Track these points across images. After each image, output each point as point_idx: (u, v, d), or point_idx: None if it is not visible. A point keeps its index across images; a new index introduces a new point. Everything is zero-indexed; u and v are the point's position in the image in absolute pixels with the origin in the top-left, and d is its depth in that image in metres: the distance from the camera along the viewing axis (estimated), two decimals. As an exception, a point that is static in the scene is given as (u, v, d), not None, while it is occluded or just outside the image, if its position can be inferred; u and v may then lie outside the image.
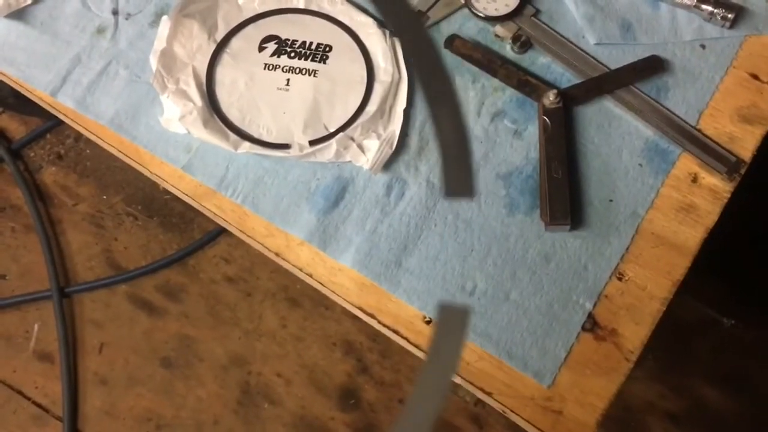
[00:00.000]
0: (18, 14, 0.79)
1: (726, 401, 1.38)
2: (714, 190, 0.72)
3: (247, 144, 0.74)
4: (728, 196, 0.72)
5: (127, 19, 0.80)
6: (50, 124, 1.59)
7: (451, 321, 0.31)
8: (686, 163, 0.73)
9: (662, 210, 0.72)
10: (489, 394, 0.68)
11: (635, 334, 0.69)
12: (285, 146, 0.74)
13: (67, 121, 0.78)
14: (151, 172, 0.76)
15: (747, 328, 1.38)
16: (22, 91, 0.79)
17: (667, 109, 0.74)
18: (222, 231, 1.54)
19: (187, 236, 1.54)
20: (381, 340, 1.48)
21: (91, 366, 1.46)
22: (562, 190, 0.71)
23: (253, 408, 1.44)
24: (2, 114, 1.61)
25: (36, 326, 1.48)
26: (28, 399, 1.44)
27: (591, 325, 0.69)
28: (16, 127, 1.60)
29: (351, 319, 1.48)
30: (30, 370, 1.45)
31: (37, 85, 0.78)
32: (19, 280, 1.51)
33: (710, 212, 0.72)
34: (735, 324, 1.34)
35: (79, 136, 1.60)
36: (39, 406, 1.43)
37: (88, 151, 1.60)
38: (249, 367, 1.46)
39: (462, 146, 0.32)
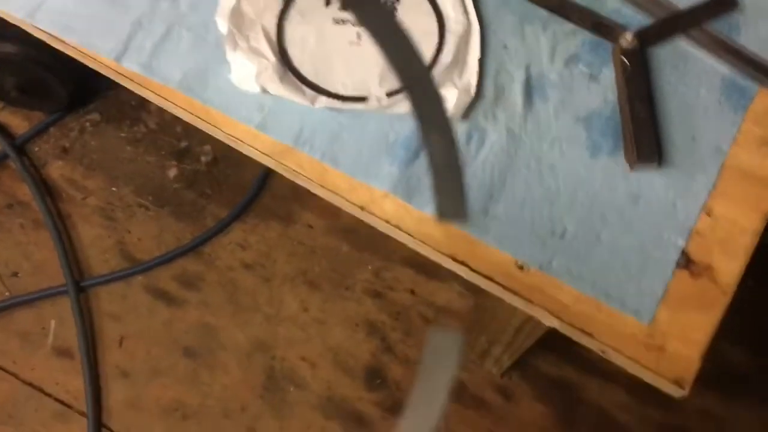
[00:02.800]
0: (73, -20, 0.77)
1: None
2: (794, 122, 0.73)
3: (324, 98, 0.73)
4: (808, 127, 0.73)
5: (186, -20, 0.78)
6: (53, 117, 1.56)
7: (442, 347, 0.31)
8: (765, 99, 0.74)
9: (745, 145, 0.73)
10: (590, 334, 0.68)
11: (730, 268, 0.70)
12: (362, 99, 0.73)
13: (132, 87, 0.76)
14: (225, 133, 0.74)
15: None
16: (85, 61, 0.77)
17: (742, 46, 0.74)
18: (236, 217, 1.52)
19: (201, 224, 1.52)
20: (403, 318, 1.47)
21: (112, 359, 1.43)
22: (648, 130, 0.71)
23: (280, 392, 1.42)
24: (4, 110, 1.57)
25: (53, 322, 1.45)
26: (49, 396, 1.40)
27: (685, 261, 0.70)
28: (19, 123, 1.56)
29: (372, 299, 1.48)
30: (49, 367, 1.42)
31: (100, 52, 0.76)
32: (32, 277, 1.48)
33: (792, 144, 0.73)
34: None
35: (83, 128, 1.57)
36: (61, 402, 1.40)
37: (93, 143, 1.57)
38: (273, 352, 1.45)
39: (453, 170, 0.32)
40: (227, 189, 1.54)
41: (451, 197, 0.33)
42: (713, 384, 1.40)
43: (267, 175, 1.52)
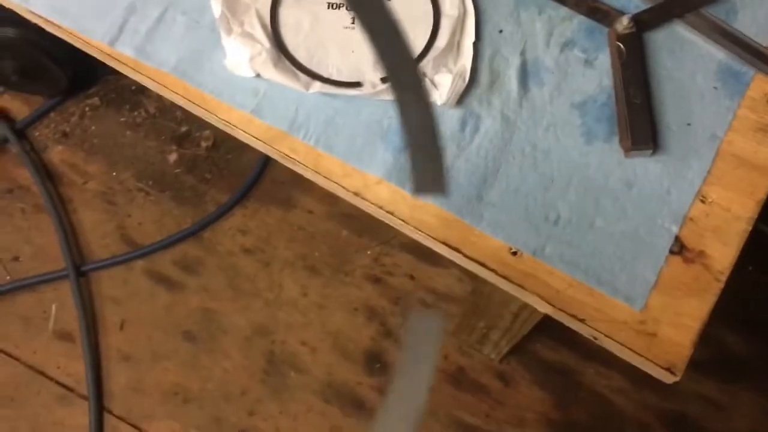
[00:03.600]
0: (67, -37, 0.77)
1: None
2: (790, 109, 0.73)
3: (318, 84, 0.73)
4: (804, 114, 0.73)
5: (180, -36, 0.78)
6: (54, 102, 1.56)
7: (423, 329, 0.30)
8: (761, 84, 0.74)
9: (740, 131, 0.73)
10: (582, 320, 0.68)
11: (724, 254, 0.69)
12: (356, 84, 0.73)
13: (126, 72, 0.76)
14: (219, 118, 0.74)
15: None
16: (79, 45, 0.76)
17: (738, 31, 0.74)
18: (237, 202, 1.52)
19: (201, 209, 1.52)
20: (403, 304, 1.47)
21: (113, 343, 1.44)
22: (643, 115, 0.71)
23: (280, 377, 1.43)
24: (4, 94, 1.57)
25: (54, 306, 1.45)
26: (51, 379, 1.41)
27: (678, 248, 0.70)
28: (19, 107, 1.57)
29: (372, 284, 1.48)
30: (51, 351, 1.43)
31: (93, 36, 0.76)
32: (32, 261, 1.48)
33: (788, 131, 0.72)
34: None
35: (83, 113, 1.57)
36: (63, 385, 1.41)
37: (94, 127, 1.57)
38: (273, 336, 1.45)
39: (430, 138, 0.31)
40: (227, 174, 1.54)
41: (428, 168, 0.31)
42: (712, 370, 1.40)
43: (267, 159, 1.52)
